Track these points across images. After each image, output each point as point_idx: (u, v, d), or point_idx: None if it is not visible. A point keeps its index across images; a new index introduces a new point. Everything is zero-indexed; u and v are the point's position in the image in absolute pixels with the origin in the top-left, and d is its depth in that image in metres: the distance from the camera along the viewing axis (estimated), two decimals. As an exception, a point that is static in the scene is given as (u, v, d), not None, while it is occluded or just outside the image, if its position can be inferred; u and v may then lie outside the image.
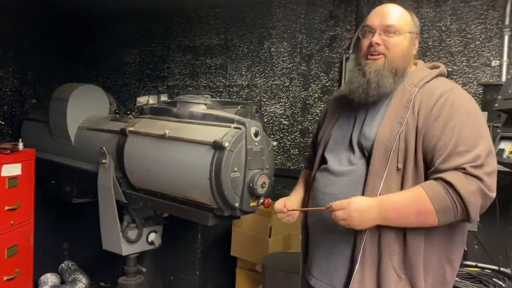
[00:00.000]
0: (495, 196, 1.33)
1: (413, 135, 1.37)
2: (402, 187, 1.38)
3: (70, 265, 3.99)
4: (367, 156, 1.44)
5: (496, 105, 1.88)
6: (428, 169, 1.36)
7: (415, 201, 1.32)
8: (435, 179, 1.32)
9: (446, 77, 1.53)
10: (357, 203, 1.34)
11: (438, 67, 1.53)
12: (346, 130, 1.56)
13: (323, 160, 1.61)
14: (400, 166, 1.37)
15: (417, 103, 1.40)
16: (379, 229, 1.39)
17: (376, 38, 1.47)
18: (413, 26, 1.51)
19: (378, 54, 1.47)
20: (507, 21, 2.65)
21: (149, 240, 2.87)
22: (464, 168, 1.28)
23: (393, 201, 1.34)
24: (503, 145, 1.77)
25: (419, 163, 1.37)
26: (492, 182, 1.32)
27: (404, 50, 1.48)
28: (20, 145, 2.65)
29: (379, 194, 1.37)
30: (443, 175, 1.30)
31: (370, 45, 1.48)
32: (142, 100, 2.80)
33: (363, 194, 1.41)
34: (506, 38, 2.65)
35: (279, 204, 1.65)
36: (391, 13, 1.49)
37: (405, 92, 1.45)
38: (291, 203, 1.66)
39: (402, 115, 1.40)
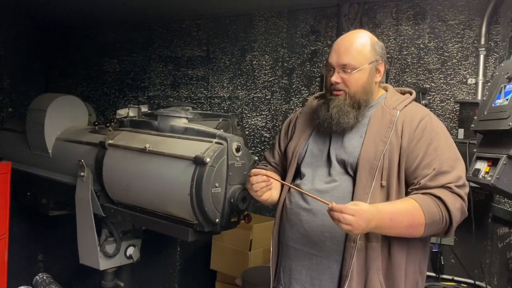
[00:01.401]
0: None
1: (397, 154, 1.46)
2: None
3: (45, 277, 3.88)
4: (351, 173, 1.50)
5: (472, 125, 1.92)
6: (408, 185, 1.46)
7: (410, 214, 1.38)
8: (424, 194, 1.41)
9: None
10: (366, 212, 1.34)
11: (408, 92, 1.63)
12: (322, 145, 1.61)
13: (297, 174, 1.64)
14: (384, 183, 1.44)
15: (399, 124, 1.49)
16: (366, 244, 1.44)
17: (334, 78, 1.53)
18: (373, 55, 1.54)
19: (339, 91, 1.54)
20: (482, 41, 2.73)
21: (128, 254, 2.82)
22: (450, 187, 1.40)
23: (392, 212, 1.39)
24: (479, 165, 1.81)
25: (401, 181, 1.46)
26: (466, 199, 1.45)
27: (364, 84, 1.54)
28: (-5, 158, 2.59)
29: None
30: (433, 191, 1.40)
31: (331, 83, 1.55)
32: (122, 112, 2.76)
33: None
34: (482, 57, 2.73)
35: (257, 170, 1.62)
36: (347, 49, 1.53)
37: (384, 113, 1.53)
38: (270, 173, 1.64)
39: (386, 135, 1.47)
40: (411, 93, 1.62)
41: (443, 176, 1.41)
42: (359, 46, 1.53)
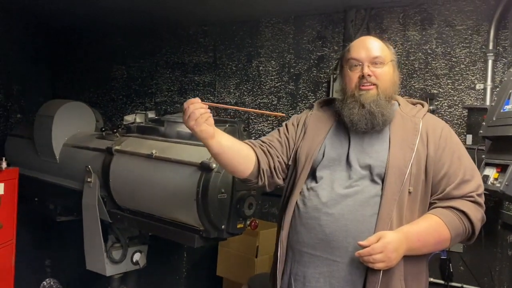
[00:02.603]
0: None
1: (423, 161, 1.47)
2: (411, 210, 1.45)
3: (52, 283, 3.89)
4: (377, 178, 1.47)
5: (481, 131, 1.90)
6: (432, 194, 1.48)
7: (435, 231, 1.41)
8: (447, 207, 1.43)
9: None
10: (392, 242, 1.34)
11: (418, 103, 1.64)
12: (340, 149, 1.55)
13: (310, 177, 1.57)
14: (412, 189, 1.44)
15: (424, 132, 1.50)
16: None
17: (367, 70, 1.51)
18: (392, 54, 1.59)
19: (370, 85, 1.51)
20: (490, 46, 2.71)
21: (134, 260, 2.82)
22: (472, 196, 1.43)
23: (418, 232, 1.40)
24: (488, 171, 1.79)
25: (428, 188, 1.47)
26: (484, 208, 1.48)
27: (392, 78, 1.56)
28: (4, 164, 2.60)
29: (392, 218, 1.42)
30: (455, 203, 1.42)
31: (361, 77, 1.51)
32: (129, 118, 2.78)
33: (377, 216, 1.42)
34: (490, 62, 2.71)
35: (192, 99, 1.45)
36: (374, 45, 1.56)
37: (405, 120, 1.54)
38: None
39: (413, 142, 1.48)
40: (422, 105, 1.64)
41: (466, 185, 1.44)
42: (382, 44, 1.57)
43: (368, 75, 1.50)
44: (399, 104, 1.60)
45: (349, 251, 1.42)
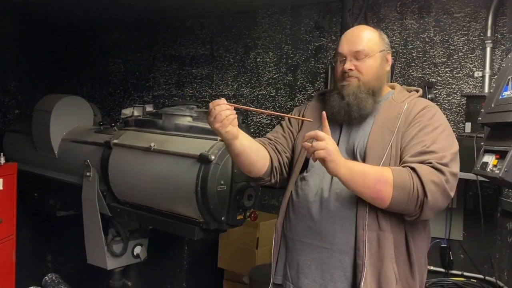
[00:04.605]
0: (450, 199, 1.41)
1: (400, 142, 1.46)
2: None
3: (54, 277, 3.90)
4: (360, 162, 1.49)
5: (480, 118, 1.89)
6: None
7: (378, 170, 1.39)
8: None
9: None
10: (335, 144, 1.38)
11: (416, 91, 1.63)
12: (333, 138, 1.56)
13: (305, 166, 1.62)
14: None
15: (406, 115, 1.50)
16: (378, 233, 1.42)
17: (347, 65, 1.55)
18: (381, 44, 1.58)
19: (352, 77, 1.55)
20: (489, 33, 2.69)
21: (135, 253, 2.83)
22: (430, 162, 1.36)
23: (360, 163, 1.44)
24: (487, 158, 1.78)
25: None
26: (453, 183, 1.39)
27: (377, 71, 1.56)
28: (2, 160, 2.60)
29: None
30: (409, 164, 1.38)
31: (344, 71, 1.56)
32: (127, 112, 2.77)
33: (357, 198, 1.45)
34: (488, 49, 2.69)
35: (216, 101, 1.46)
36: (359, 37, 1.56)
37: (392, 106, 1.54)
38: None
39: (393, 125, 1.48)
40: (417, 91, 1.64)
41: (427, 155, 1.37)
42: (369, 35, 1.57)
43: (349, 69, 1.54)
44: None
45: (337, 237, 1.46)
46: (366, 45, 1.54)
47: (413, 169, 1.35)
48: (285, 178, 1.72)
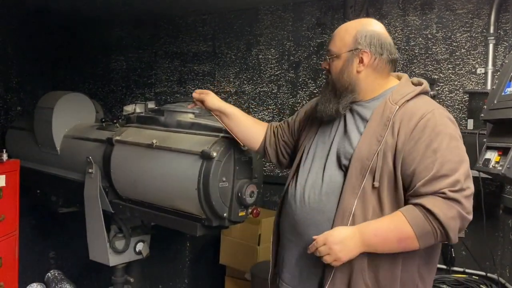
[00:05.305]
0: (471, 218, 1.34)
1: (391, 154, 1.37)
2: (379, 207, 1.38)
3: (56, 274, 3.92)
4: (344, 170, 1.45)
5: (482, 115, 1.89)
6: (407, 191, 1.37)
7: (395, 228, 1.33)
8: (415, 204, 1.32)
9: (430, 91, 1.55)
10: (335, 234, 1.35)
11: (421, 84, 1.51)
12: (327, 137, 1.58)
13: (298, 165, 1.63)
14: (377, 184, 1.37)
15: (397, 122, 1.39)
16: None
17: (322, 63, 1.60)
18: (353, 43, 1.48)
19: (327, 78, 1.59)
20: (491, 30, 2.68)
21: (137, 250, 2.83)
22: (444, 193, 1.29)
23: (374, 227, 1.35)
24: (489, 154, 1.78)
25: (398, 184, 1.37)
26: (469, 204, 1.33)
27: (341, 72, 1.51)
28: (4, 156, 2.60)
29: (353, 212, 1.38)
30: (423, 201, 1.30)
31: None
32: (128, 108, 2.76)
33: (337, 207, 1.42)
34: (491, 46, 2.69)
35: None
36: (333, 36, 1.56)
37: (386, 108, 1.44)
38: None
39: (382, 133, 1.40)
40: (421, 84, 1.51)
41: (439, 181, 1.30)
42: (342, 33, 1.53)
43: (324, 67, 1.58)
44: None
45: (312, 239, 1.41)
46: (334, 45, 1.52)
47: (428, 210, 1.29)
48: (282, 162, 1.86)
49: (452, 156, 1.33)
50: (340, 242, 1.33)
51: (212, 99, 1.90)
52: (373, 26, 1.53)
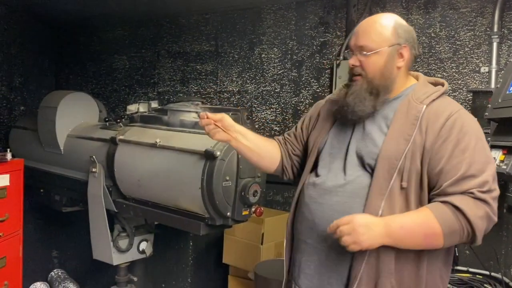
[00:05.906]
0: (497, 220, 1.32)
1: (419, 154, 1.35)
2: (406, 208, 1.35)
3: (60, 273, 3.94)
4: (369, 169, 1.41)
5: (486, 114, 1.88)
6: (431, 190, 1.35)
7: (423, 223, 1.30)
8: (443, 202, 1.30)
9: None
10: (362, 216, 1.31)
11: (441, 84, 1.49)
12: (343, 136, 1.52)
13: (315, 166, 1.58)
14: (405, 184, 1.34)
15: (424, 121, 1.37)
16: (378, 247, 1.34)
17: (351, 60, 1.47)
18: (394, 38, 1.43)
19: (357, 75, 1.47)
20: (495, 28, 2.67)
21: (140, 249, 2.84)
22: (472, 193, 1.28)
23: (401, 221, 1.32)
24: (494, 153, 1.77)
25: (424, 184, 1.35)
26: (496, 206, 1.31)
27: (381, 68, 1.43)
28: (8, 155, 2.60)
29: (381, 212, 1.34)
30: (451, 199, 1.28)
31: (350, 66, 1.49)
32: (132, 108, 2.77)
33: (363, 208, 1.37)
34: (495, 45, 2.67)
35: (202, 113, 1.62)
36: (366, 31, 1.45)
37: (410, 107, 1.41)
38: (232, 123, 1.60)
39: (409, 133, 1.36)
40: (443, 85, 1.47)
41: (467, 181, 1.28)
42: (378, 27, 1.44)
43: (353, 65, 1.47)
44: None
45: (336, 242, 1.35)
46: (371, 40, 1.42)
47: (457, 208, 1.27)
48: (297, 173, 1.74)
49: (479, 157, 1.32)
50: (366, 225, 1.28)
51: (229, 119, 1.64)
52: (403, 21, 1.49)
